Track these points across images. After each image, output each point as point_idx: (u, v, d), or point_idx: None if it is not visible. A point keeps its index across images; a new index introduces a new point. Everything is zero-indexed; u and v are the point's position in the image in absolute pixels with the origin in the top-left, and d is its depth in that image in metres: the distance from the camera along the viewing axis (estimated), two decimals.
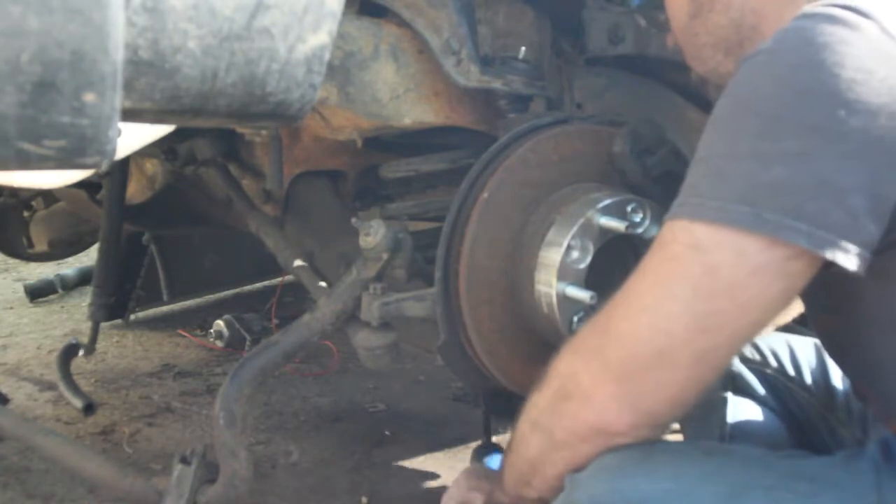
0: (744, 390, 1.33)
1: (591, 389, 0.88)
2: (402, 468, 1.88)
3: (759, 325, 0.86)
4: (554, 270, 1.16)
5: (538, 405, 0.98)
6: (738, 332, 0.85)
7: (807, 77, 0.81)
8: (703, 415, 1.33)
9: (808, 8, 0.86)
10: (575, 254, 1.17)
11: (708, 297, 0.83)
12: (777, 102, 0.82)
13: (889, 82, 0.79)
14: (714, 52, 1.08)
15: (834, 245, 0.80)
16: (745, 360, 1.35)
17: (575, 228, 1.16)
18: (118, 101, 0.67)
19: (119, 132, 0.69)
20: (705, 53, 1.09)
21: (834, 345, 1.09)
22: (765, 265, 0.82)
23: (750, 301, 0.83)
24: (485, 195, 1.19)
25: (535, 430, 0.97)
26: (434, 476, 1.84)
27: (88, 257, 3.15)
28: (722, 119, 0.88)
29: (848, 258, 0.80)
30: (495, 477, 1.18)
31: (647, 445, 0.91)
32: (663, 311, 0.85)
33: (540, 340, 1.23)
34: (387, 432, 2.04)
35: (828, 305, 1.00)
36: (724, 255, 0.82)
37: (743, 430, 1.29)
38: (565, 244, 1.16)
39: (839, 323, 1.00)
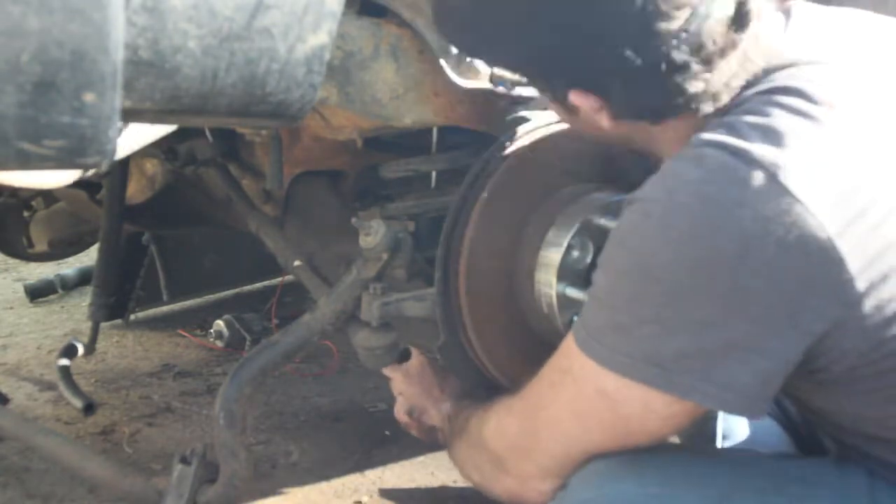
0: None
1: (528, 479, 0.98)
2: (403, 468, 1.88)
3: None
4: (554, 270, 1.16)
5: (476, 457, 1.07)
6: (656, 444, 0.93)
7: (703, 245, 0.79)
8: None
9: (697, 150, 0.83)
10: (575, 254, 1.17)
11: (624, 434, 0.90)
12: (676, 272, 0.81)
13: (786, 241, 0.77)
14: (616, 137, 1.04)
15: (742, 405, 0.83)
16: None
17: (575, 228, 1.16)
18: (118, 101, 0.67)
19: (119, 132, 0.69)
20: (605, 136, 1.04)
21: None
22: (673, 415, 0.87)
23: (662, 435, 0.91)
24: (485, 195, 1.19)
25: (475, 468, 1.08)
26: (434, 475, 1.84)
27: (88, 257, 3.15)
28: (621, 272, 0.87)
29: (754, 413, 0.84)
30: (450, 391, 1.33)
31: (636, 450, 0.92)
32: (586, 439, 0.93)
33: (540, 340, 1.23)
34: (387, 432, 2.04)
35: None
36: (634, 408, 0.87)
37: (737, 433, 1.29)
38: (565, 244, 1.16)
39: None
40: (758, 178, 0.78)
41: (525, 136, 1.24)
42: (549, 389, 0.96)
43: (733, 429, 1.29)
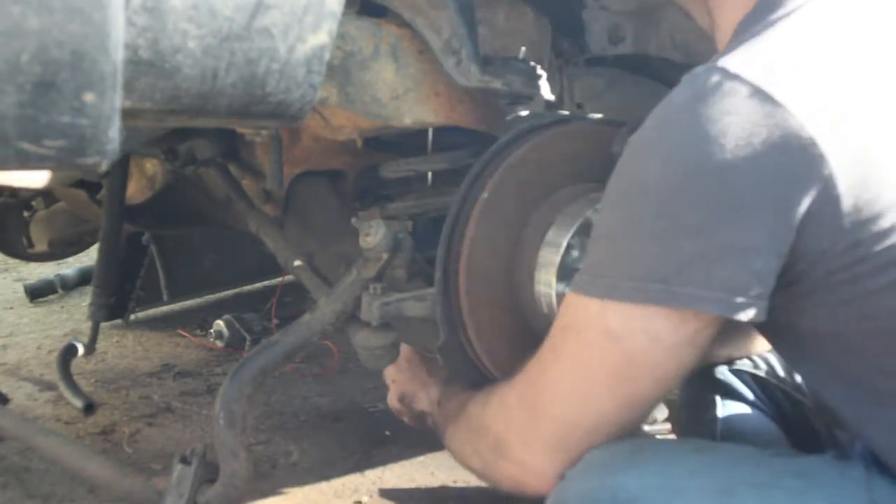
0: (733, 396, 1.34)
1: (528, 460, 0.97)
2: (403, 468, 1.88)
3: (678, 382, 0.93)
4: (554, 270, 1.16)
5: (476, 441, 1.06)
6: (661, 394, 0.93)
7: (694, 153, 0.83)
8: (694, 416, 1.34)
9: (688, 76, 0.89)
10: (575, 254, 1.17)
11: (629, 379, 0.90)
12: (669, 182, 0.85)
13: (770, 141, 0.81)
14: None
15: (744, 306, 0.84)
16: (735, 367, 1.36)
17: (575, 228, 1.16)
18: (118, 101, 0.67)
19: (120, 132, 0.69)
20: None
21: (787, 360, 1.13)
22: (677, 343, 0.87)
23: (667, 374, 0.90)
24: (485, 195, 1.19)
25: (475, 453, 1.07)
26: (434, 475, 1.84)
27: (88, 257, 3.15)
28: (618, 199, 0.91)
29: (757, 314, 0.84)
30: (439, 376, 1.36)
31: (637, 442, 0.93)
32: (590, 395, 0.92)
33: (540, 340, 1.23)
34: (387, 432, 2.04)
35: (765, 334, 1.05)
36: (639, 340, 0.87)
37: (734, 431, 1.29)
38: (565, 244, 1.16)
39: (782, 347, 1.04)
40: (743, 89, 0.83)
41: (525, 135, 1.24)
42: (551, 353, 0.97)
43: (732, 424, 1.30)
